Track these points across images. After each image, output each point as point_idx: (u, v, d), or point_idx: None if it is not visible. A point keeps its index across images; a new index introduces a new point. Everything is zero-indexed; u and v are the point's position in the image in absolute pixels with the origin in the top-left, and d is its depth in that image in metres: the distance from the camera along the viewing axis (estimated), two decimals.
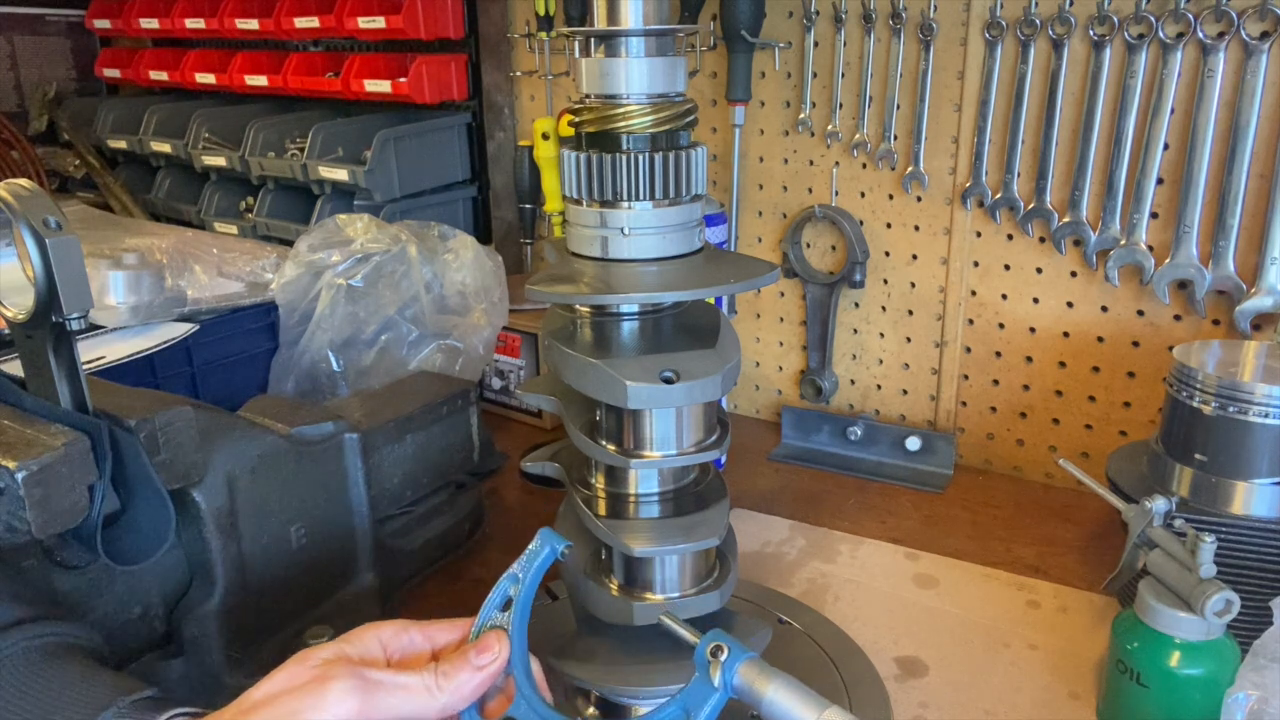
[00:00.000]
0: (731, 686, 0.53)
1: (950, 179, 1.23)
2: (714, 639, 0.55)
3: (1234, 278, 1.05)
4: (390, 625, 0.57)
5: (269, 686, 0.52)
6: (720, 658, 0.53)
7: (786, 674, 0.54)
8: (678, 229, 0.70)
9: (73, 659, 0.59)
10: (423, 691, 0.53)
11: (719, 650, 0.54)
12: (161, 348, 1.12)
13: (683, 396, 0.67)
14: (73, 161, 2.06)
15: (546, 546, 0.59)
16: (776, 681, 0.53)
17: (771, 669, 0.54)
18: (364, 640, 0.55)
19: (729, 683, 0.53)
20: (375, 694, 0.51)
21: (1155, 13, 1.03)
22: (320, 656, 0.53)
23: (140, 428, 0.69)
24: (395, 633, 0.57)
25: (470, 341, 1.27)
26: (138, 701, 0.54)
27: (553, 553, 0.59)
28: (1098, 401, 1.20)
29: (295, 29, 1.65)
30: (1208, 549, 0.74)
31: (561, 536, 0.59)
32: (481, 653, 0.55)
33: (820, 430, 1.36)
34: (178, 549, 0.78)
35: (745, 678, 0.53)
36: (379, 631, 0.56)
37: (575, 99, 0.72)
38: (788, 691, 0.52)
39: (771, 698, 0.52)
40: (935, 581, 1.05)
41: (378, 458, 0.95)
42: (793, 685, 0.53)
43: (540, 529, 0.60)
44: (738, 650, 0.54)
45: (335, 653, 0.54)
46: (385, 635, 0.56)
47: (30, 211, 0.61)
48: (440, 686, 0.54)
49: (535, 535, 0.60)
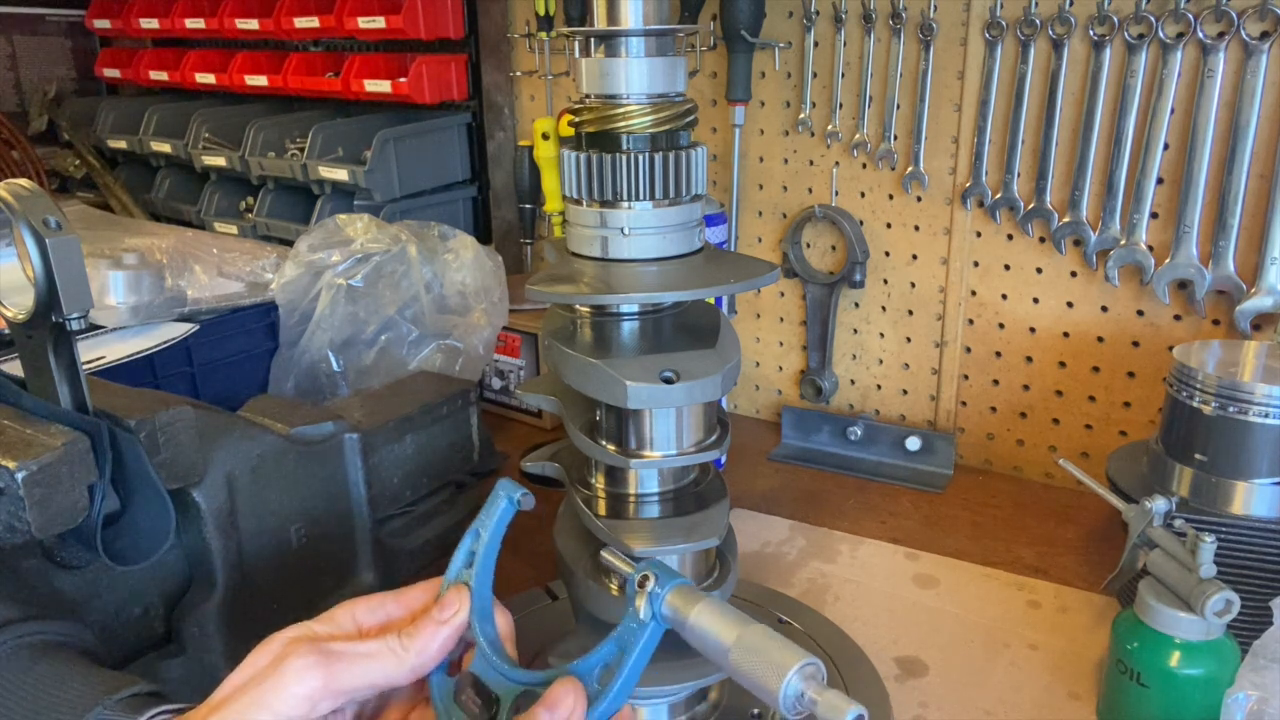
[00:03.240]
0: (661, 616, 0.50)
1: (950, 179, 1.23)
2: (643, 569, 0.51)
3: (1234, 278, 1.05)
4: (365, 600, 0.56)
5: (235, 678, 0.51)
6: (648, 587, 0.50)
7: (718, 599, 0.50)
8: (678, 229, 0.70)
9: (63, 657, 0.59)
10: (388, 655, 0.53)
11: (646, 580, 0.51)
12: (161, 348, 1.12)
13: (683, 396, 0.67)
14: (73, 161, 2.06)
15: (504, 498, 0.57)
16: (701, 604, 0.49)
17: (699, 593, 0.50)
18: (335, 617, 0.55)
19: (658, 612, 0.50)
20: (336, 666, 0.51)
21: (1155, 13, 1.03)
22: (285, 636, 0.52)
23: (140, 428, 0.69)
24: (371, 607, 0.56)
25: (470, 341, 1.27)
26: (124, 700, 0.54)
27: (511, 503, 0.57)
28: (1098, 401, 1.20)
29: (295, 29, 1.65)
30: (1208, 549, 0.74)
31: (518, 485, 0.57)
32: (443, 609, 0.55)
33: (820, 430, 1.36)
34: (178, 549, 0.78)
35: (672, 604, 0.50)
36: (353, 607, 0.56)
37: (575, 99, 0.72)
38: (711, 613, 0.48)
39: (694, 621, 0.49)
40: (935, 581, 1.05)
41: (378, 458, 0.95)
42: (718, 607, 0.49)
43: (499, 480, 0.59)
44: (666, 577, 0.50)
45: (300, 631, 0.53)
46: (359, 611, 0.56)
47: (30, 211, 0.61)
48: (405, 647, 0.53)
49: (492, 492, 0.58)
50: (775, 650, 0.46)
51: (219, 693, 0.51)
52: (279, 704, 0.49)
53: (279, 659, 0.50)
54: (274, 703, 0.49)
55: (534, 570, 1.01)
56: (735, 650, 0.47)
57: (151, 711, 0.53)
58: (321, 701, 0.50)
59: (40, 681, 0.56)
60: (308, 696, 0.49)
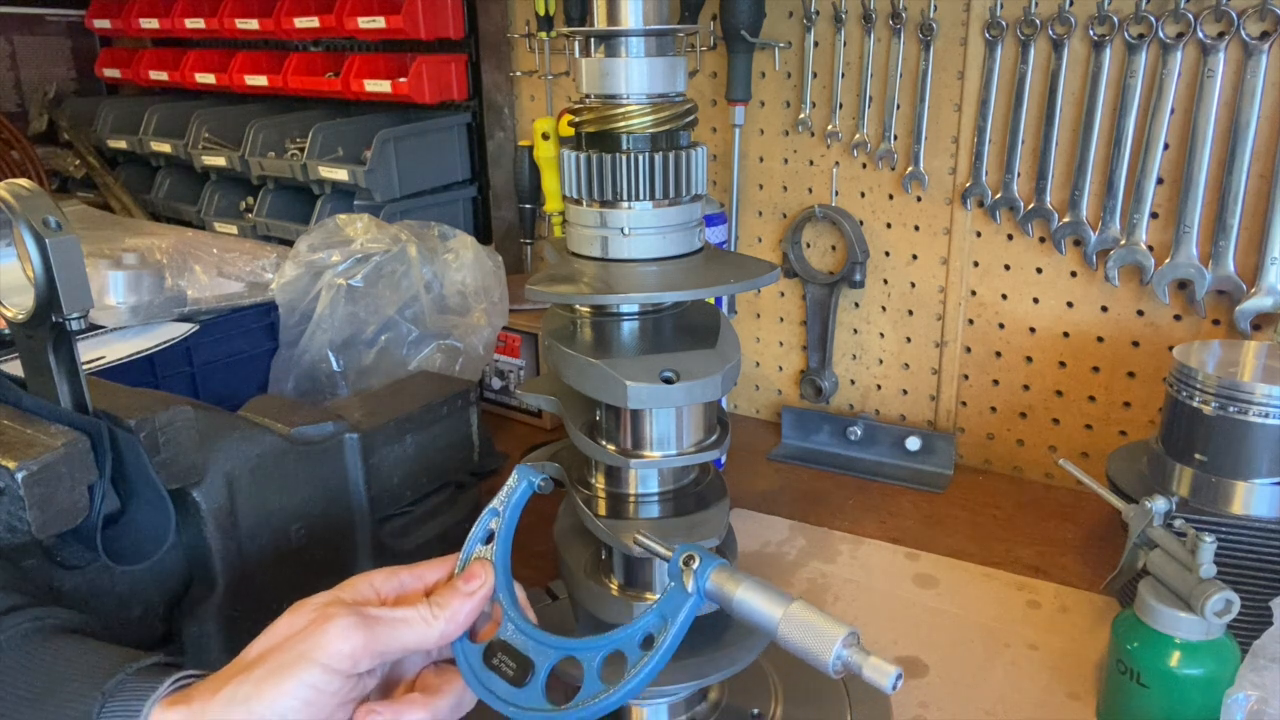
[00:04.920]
0: (704, 591, 0.57)
1: (950, 179, 1.23)
2: (686, 550, 0.58)
3: (1234, 278, 1.05)
4: (380, 571, 0.60)
5: (269, 638, 0.54)
6: (693, 566, 0.57)
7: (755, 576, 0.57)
8: (678, 229, 0.70)
9: (76, 638, 0.60)
10: (420, 622, 0.56)
11: (691, 559, 0.57)
12: (161, 348, 1.12)
13: (683, 396, 0.67)
14: (73, 161, 2.06)
15: (524, 480, 0.62)
16: (746, 583, 0.56)
17: (741, 573, 0.57)
18: (356, 586, 0.58)
19: (702, 588, 0.57)
20: (375, 628, 0.54)
21: (1155, 13, 1.03)
22: (317, 601, 0.55)
23: (140, 428, 0.69)
24: (385, 577, 0.59)
25: (470, 341, 1.27)
26: (144, 669, 0.54)
27: (530, 485, 0.62)
28: (1098, 401, 1.20)
29: (295, 29, 1.65)
30: (1208, 549, 0.74)
31: (538, 470, 0.62)
32: (469, 580, 0.59)
33: (820, 430, 1.36)
34: (178, 549, 0.78)
35: (716, 582, 0.56)
36: (370, 578, 0.59)
37: (575, 99, 0.72)
38: (756, 590, 0.56)
39: (741, 596, 0.56)
40: (935, 581, 1.05)
41: (378, 458, 0.95)
42: (760, 584, 0.56)
43: (517, 465, 0.63)
44: (708, 559, 0.57)
45: (331, 598, 0.56)
46: (377, 580, 0.59)
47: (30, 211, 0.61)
48: (435, 615, 0.57)
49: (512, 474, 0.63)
50: (821, 622, 0.53)
51: (250, 650, 0.54)
52: (325, 658, 0.52)
53: (323, 618, 0.53)
54: (320, 656, 0.52)
55: (534, 570, 1.01)
56: (784, 623, 0.54)
57: (175, 676, 0.54)
58: (363, 660, 0.53)
59: (58, 657, 0.56)
60: (350, 654, 0.52)
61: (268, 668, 0.51)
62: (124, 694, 0.53)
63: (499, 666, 0.58)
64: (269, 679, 0.51)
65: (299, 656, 0.52)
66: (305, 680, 0.51)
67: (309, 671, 0.51)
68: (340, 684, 0.53)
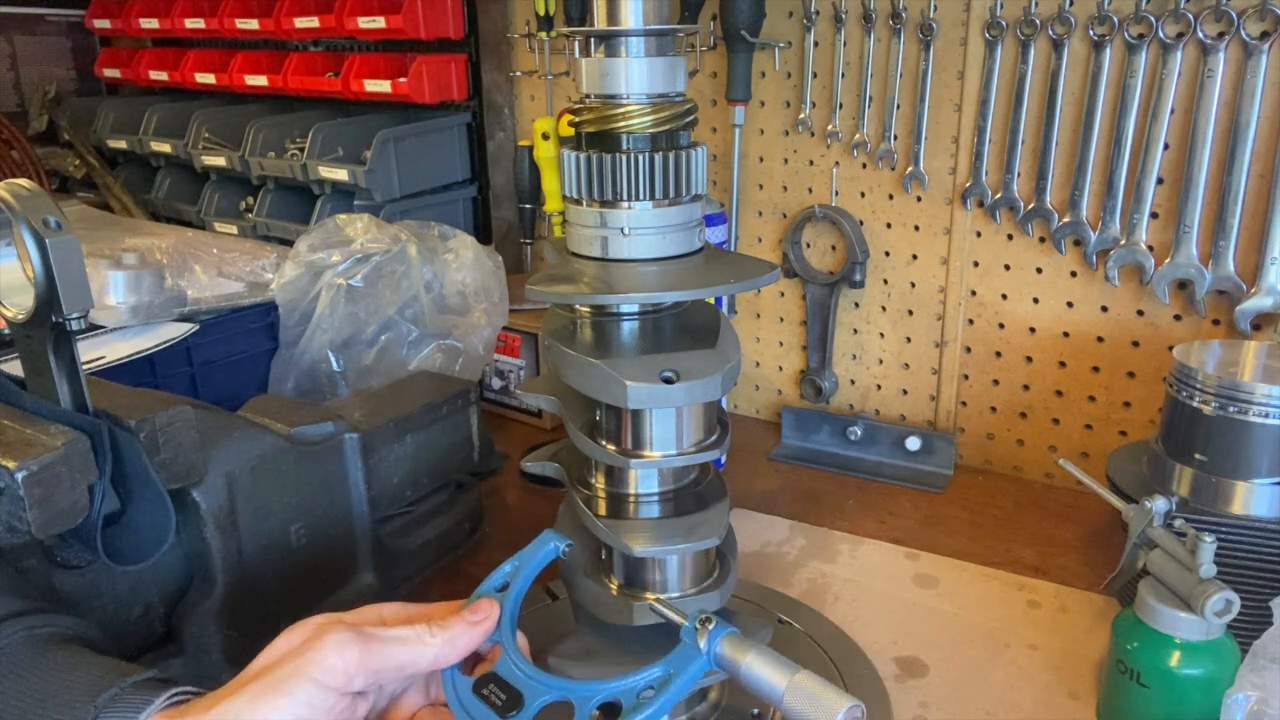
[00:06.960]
0: (714, 654, 0.58)
1: (950, 179, 1.23)
2: (704, 612, 0.59)
3: (1234, 278, 1.05)
4: (391, 604, 0.60)
5: (267, 655, 0.54)
6: (708, 627, 0.58)
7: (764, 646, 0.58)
8: (678, 229, 0.70)
9: (73, 648, 0.59)
10: (416, 640, 0.56)
11: (707, 621, 0.58)
12: (161, 348, 1.12)
13: (683, 396, 0.67)
14: (73, 161, 2.06)
15: (549, 543, 0.63)
16: (754, 651, 0.57)
17: (750, 642, 0.58)
18: (363, 613, 0.58)
19: (713, 650, 0.58)
20: (370, 644, 0.54)
21: (1155, 13, 1.03)
22: (315, 620, 0.55)
23: (140, 428, 0.69)
24: (395, 610, 0.59)
25: (470, 341, 1.27)
26: (138, 683, 0.54)
27: (554, 550, 0.63)
28: (1098, 401, 1.20)
29: (295, 29, 1.65)
30: (1208, 549, 0.74)
31: (564, 536, 0.63)
32: (474, 612, 0.59)
33: (820, 430, 1.36)
34: (178, 549, 0.78)
35: (726, 648, 0.58)
36: (379, 609, 0.59)
37: (575, 99, 0.72)
38: (763, 659, 0.57)
39: (749, 663, 0.57)
40: (935, 581, 1.05)
41: (378, 458, 0.95)
42: (768, 653, 0.57)
43: (544, 530, 0.64)
44: (722, 625, 0.59)
45: (331, 616, 0.56)
46: (386, 612, 0.59)
47: (30, 211, 0.61)
48: (434, 634, 0.57)
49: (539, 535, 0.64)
50: (824, 693, 0.55)
51: (248, 670, 0.54)
52: (318, 673, 0.52)
53: (318, 633, 0.53)
54: (313, 671, 0.52)
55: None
56: (789, 693, 0.56)
57: (170, 692, 0.54)
58: (356, 676, 0.53)
59: (51, 668, 0.56)
60: (344, 669, 0.52)
61: (262, 684, 0.51)
62: (117, 707, 0.53)
63: (488, 696, 0.58)
64: (263, 695, 0.51)
65: (293, 672, 0.51)
66: (298, 696, 0.51)
67: (302, 687, 0.51)
68: (334, 701, 0.52)
